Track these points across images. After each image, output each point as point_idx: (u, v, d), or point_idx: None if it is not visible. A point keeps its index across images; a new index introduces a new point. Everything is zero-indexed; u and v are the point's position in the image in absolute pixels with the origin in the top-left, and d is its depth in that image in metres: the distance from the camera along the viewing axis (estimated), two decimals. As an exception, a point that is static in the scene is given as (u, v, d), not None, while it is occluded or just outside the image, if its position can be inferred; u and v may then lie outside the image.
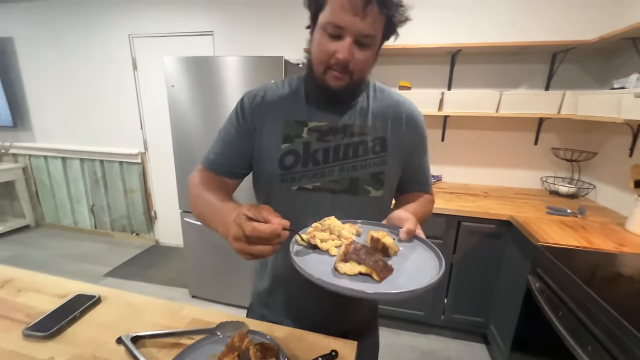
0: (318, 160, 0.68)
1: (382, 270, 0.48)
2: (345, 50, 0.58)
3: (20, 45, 2.90)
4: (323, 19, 0.59)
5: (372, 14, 0.56)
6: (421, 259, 0.55)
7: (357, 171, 0.69)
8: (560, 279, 1.07)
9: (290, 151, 0.68)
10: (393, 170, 0.73)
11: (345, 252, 0.51)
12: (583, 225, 1.43)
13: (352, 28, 0.56)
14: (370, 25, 0.57)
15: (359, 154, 0.69)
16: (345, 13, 0.55)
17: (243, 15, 2.30)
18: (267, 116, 0.70)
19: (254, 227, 0.45)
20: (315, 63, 0.64)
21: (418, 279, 0.48)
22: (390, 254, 0.55)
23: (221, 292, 2.16)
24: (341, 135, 0.69)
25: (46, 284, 0.87)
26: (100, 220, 3.21)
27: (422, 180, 0.82)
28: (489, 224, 1.63)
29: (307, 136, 0.68)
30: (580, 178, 1.93)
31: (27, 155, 3.21)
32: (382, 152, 0.71)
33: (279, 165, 0.68)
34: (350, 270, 0.48)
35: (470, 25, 1.95)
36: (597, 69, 1.84)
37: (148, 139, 2.82)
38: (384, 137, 0.71)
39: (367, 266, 0.48)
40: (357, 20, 0.56)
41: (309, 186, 0.68)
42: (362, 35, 0.57)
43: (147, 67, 2.63)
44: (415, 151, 0.77)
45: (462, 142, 2.15)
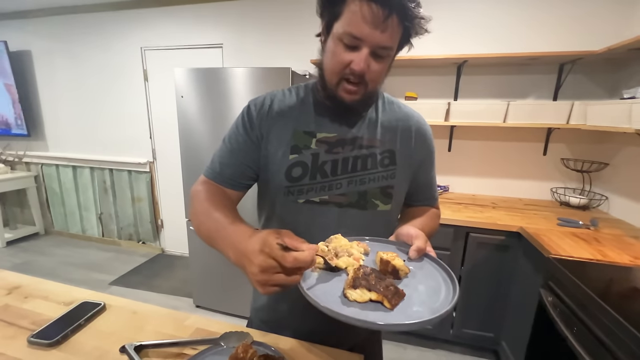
0: (326, 172, 0.66)
1: (393, 296, 0.46)
2: (362, 61, 0.56)
3: (38, 57, 3.01)
4: (339, 29, 0.56)
5: (391, 25, 0.54)
6: (433, 280, 0.53)
7: (366, 185, 0.67)
8: (574, 293, 1.03)
9: (298, 162, 0.66)
10: (402, 184, 0.71)
11: (354, 278, 0.49)
12: (596, 238, 1.40)
13: (371, 40, 0.55)
14: (388, 37, 0.55)
15: (367, 167, 0.67)
16: (364, 24, 0.53)
17: (251, 28, 2.36)
18: (274, 125, 0.68)
19: (296, 258, 0.42)
20: (328, 73, 0.62)
21: (431, 304, 0.46)
22: (401, 276, 0.54)
23: (225, 302, 2.14)
24: (350, 147, 0.67)
25: (53, 291, 0.87)
26: (108, 228, 3.23)
27: (429, 194, 0.80)
28: (498, 235, 1.60)
29: (315, 147, 0.66)
30: (592, 189, 1.89)
31: (39, 163, 3.28)
32: (391, 166, 0.69)
33: (286, 177, 0.66)
34: (360, 298, 0.47)
35: (476, 36, 1.96)
36: (606, 79, 1.83)
37: (157, 148, 2.86)
38: (393, 150, 0.70)
39: (378, 293, 0.46)
40: (376, 32, 0.54)
41: (316, 199, 0.66)
42: (379, 47, 0.56)
43: (157, 78, 2.70)
44: (424, 165, 0.75)
45: (469, 152, 2.14)
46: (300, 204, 0.66)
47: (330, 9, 0.58)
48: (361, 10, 0.53)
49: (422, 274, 0.55)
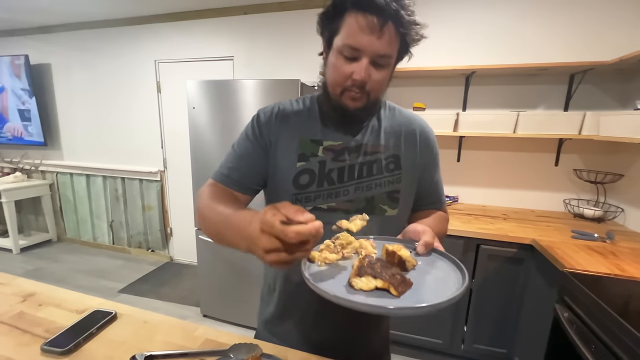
0: (333, 179, 0.68)
1: (400, 284, 0.45)
2: (362, 71, 0.58)
3: (56, 70, 3.13)
4: (339, 43, 0.59)
5: (388, 33, 0.56)
6: (442, 272, 0.52)
7: (372, 190, 0.69)
8: (591, 309, 1.00)
9: (306, 170, 0.68)
10: (408, 188, 0.72)
11: (359, 266, 0.48)
12: (613, 251, 1.35)
13: (369, 49, 0.57)
14: (386, 45, 0.57)
15: (373, 172, 0.69)
16: (362, 34, 0.56)
17: (261, 41, 2.42)
18: (282, 133, 0.70)
19: (297, 231, 0.40)
20: (332, 86, 0.64)
21: (440, 293, 0.45)
22: (408, 268, 0.52)
23: (233, 312, 2.13)
24: (355, 154, 0.69)
25: (66, 299, 0.89)
26: (118, 236, 3.28)
27: (435, 198, 0.80)
28: (509, 248, 1.57)
29: (322, 155, 0.68)
30: (607, 201, 1.85)
31: (54, 172, 3.38)
32: (397, 170, 0.70)
33: (293, 184, 0.67)
34: (366, 286, 0.46)
35: (484, 47, 1.97)
36: (618, 90, 1.80)
37: (167, 157, 2.92)
38: (397, 155, 0.71)
39: (384, 280, 0.45)
40: (374, 41, 0.56)
41: (323, 206, 0.67)
42: (378, 55, 0.58)
43: (169, 89, 2.77)
44: (429, 167, 0.76)
45: (479, 163, 2.12)
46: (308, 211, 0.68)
47: (329, 26, 0.61)
48: (358, 22, 0.56)
49: (430, 266, 0.54)
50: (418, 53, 0.66)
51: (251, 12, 2.39)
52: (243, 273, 2.03)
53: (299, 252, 0.42)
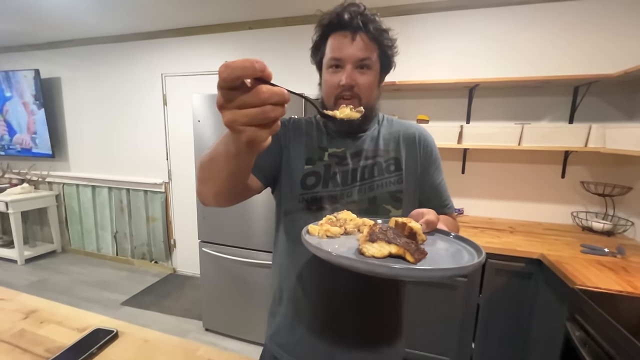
0: (337, 182, 0.73)
1: (416, 251, 0.41)
2: (347, 76, 0.67)
3: (66, 84, 3.20)
4: (325, 60, 0.71)
5: (362, 40, 0.67)
6: (453, 247, 0.50)
7: (375, 191, 0.72)
8: (604, 329, 0.97)
9: (312, 172, 0.74)
10: (411, 188, 0.75)
11: (370, 232, 0.44)
12: (624, 267, 1.32)
13: (348, 55, 0.67)
14: (363, 50, 0.67)
15: (374, 174, 0.73)
16: (341, 46, 0.68)
17: (266, 55, 2.46)
18: (294, 139, 0.77)
19: (227, 64, 0.32)
20: (326, 98, 0.72)
21: (456, 260, 0.42)
22: (418, 242, 0.49)
23: (236, 326, 2.10)
24: (357, 159, 0.74)
25: (67, 316, 0.88)
26: (122, 247, 3.28)
27: (441, 201, 0.80)
28: (517, 262, 1.54)
29: (328, 160, 0.75)
30: (616, 214, 1.81)
31: (61, 183, 3.41)
32: (397, 171, 0.74)
33: (301, 184, 0.73)
34: (379, 252, 0.42)
35: (487, 59, 1.98)
36: (623, 102, 1.79)
37: (173, 169, 2.94)
38: (397, 157, 0.76)
39: (399, 246, 0.41)
40: (351, 48, 0.67)
41: (328, 206, 0.71)
42: (358, 59, 0.67)
43: (176, 103, 2.81)
44: (430, 170, 0.78)
45: (484, 175, 2.10)
46: (314, 212, 0.71)
47: (318, 52, 0.74)
48: (336, 39, 0.69)
49: (440, 242, 0.52)
50: (422, 66, 0.72)
51: (256, 27, 2.44)
52: (246, 286, 2.01)
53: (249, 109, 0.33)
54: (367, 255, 0.42)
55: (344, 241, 0.51)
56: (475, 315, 1.65)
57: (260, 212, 1.87)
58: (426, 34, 2.05)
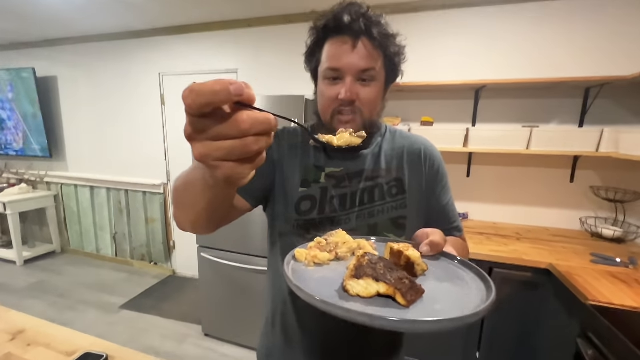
0: (335, 207, 0.66)
1: (409, 290, 0.35)
2: (347, 90, 0.58)
3: (63, 83, 3.14)
4: (322, 70, 0.62)
5: (364, 48, 0.58)
6: (458, 278, 0.42)
7: (375, 217, 0.66)
8: (620, 350, 0.92)
9: (308, 196, 0.66)
10: (415, 213, 0.68)
11: (357, 266, 0.38)
12: (637, 279, 1.27)
13: (348, 66, 0.58)
14: (366, 59, 0.58)
15: (375, 199, 0.66)
16: (339, 54, 0.58)
17: (266, 54, 2.39)
18: (289, 153, 0.69)
19: (192, 88, 0.25)
20: (322, 112, 0.65)
21: (459, 304, 0.35)
22: (417, 272, 0.42)
23: (236, 332, 2.07)
24: (357, 180, 0.67)
25: (56, 338, 0.84)
26: (121, 248, 3.25)
27: (448, 223, 0.73)
28: (524, 272, 1.49)
29: (324, 182, 0.67)
30: (626, 220, 1.76)
31: (59, 183, 3.37)
32: (400, 195, 0.67)
33: (295, 210, 0.66)
34: (365, 291, 0.35)
35: (495, 60, 1.91)
36: (636, 105, 1.72)
37: (171, 170, 2.89)
38: (400, 178, 0.68)
39: (389, 284, 0.35)
40: (352, 57, 0.58)
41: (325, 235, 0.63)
42: (360, 70, 0.58)
43: (174, 102, 2.75)
44: (436, 189, 0.71)
45: (490, 178, 2.04)
46: (308, 239, 0.62)
47: (312, 59, 0.65)
48: (334, 46, 0.59)
49: (444, 273, 0.43)
50: (427, 66, 0.64)
51: (256, 24, 2.37)
52: (245, 292, 1.97)
53: (223, 141, 0.27)
54: (351, 293, 0.36)
55: (334, 268, 0.45)
56: (480, 325, 1.61)
57: (259, 216, 1.82)
58: (431, 32, 1.98)
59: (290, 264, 0.45)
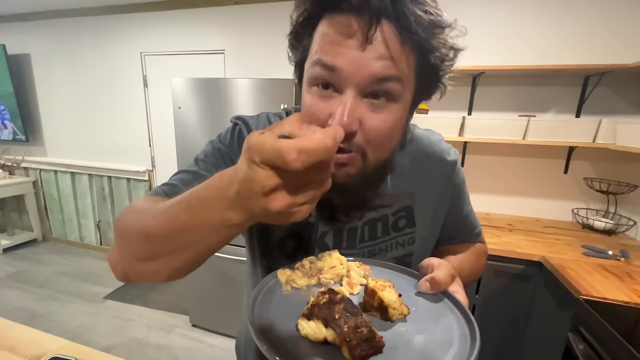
0: (327, 247, 0.52)
1: (360, 344, 0.30)
2: (344, 110, 0.34)
3: (36, 61, 2.94)
4: (307, 67, 0.38)
5: (385, 38, 0.33)
6: (443, 333, 0.35)
7: (376, 257, 0.53)
8: (611, 345, 0.91)
9: (292, 234, 0.52)
10: (425, 247, 0.57)
11: (312, 304, 0.34)
12: (629, 272, 1.26)
13: (353, 69, 0.34)
14: (384, 61, 0.33)
15: (377, 234, 0.53)
16: (338, 44, 0.34)
17: (254, 34, 2.26)
18: None
19: (300, 148, 0.22)
20: None
21: None
22: (392, 317, 0.37)
23: (223, 322, 2.04)
24: (358, 213, 0.51)
25: (22, 340, 0.78)
26: (106, 236, 3.15)
27: (469, 232, 0.65)
28: (516, 264, 1.47)
29: (315, 215, 0.51)
30: (618, 212, 1.75)
31: (37, 169, 3.22)
32: (409, 228, 0.54)
33: (278, 249, 0.53)
34: (314, 334, 0.32)
35: (494, 46, 1.83)
36: (636, 95, 1.69)
37: (156, 156, 2.77)
38: (409, 206, 0.54)
39: (337, 333, 0.31)
40: (360, 55, 0.33)
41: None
42: (371, 79, 0.34)
43: (157, 84, 2.61)
44: (455, 204, 0.59)
45: (484, 168, 2.01)
46: None
47: (298, 45, 0.41)
48: (332, 28, 0.34)
49: (430, 321, 0.37)
50: None
51: (243, 2, 2.22)
52: (233, 283, 1.92)
53: (312, 185, 0.25)
54: (302, 334, 0.33)
55: (306, 296, 0.40)
56: (470, 316, 1.60)
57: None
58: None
59: (268, 284, 0.42)
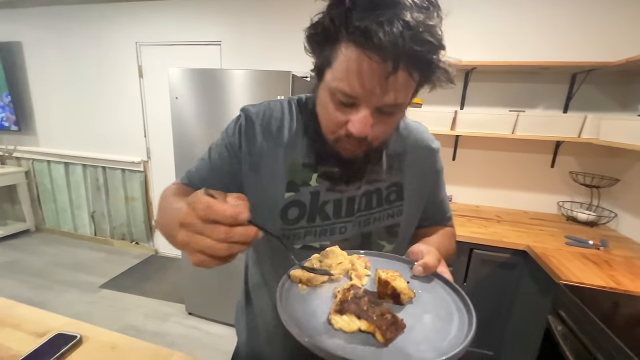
0: (328, 214, 0.58)
1: (389, 328, 0.37)
2: (361, 124, 0.45)
3: (28, 49, 2.90)
4: (330, 81, 0.45)
5: (400, 81, 0.42)
6: (443, 309, 0.44)
7: (370, 225, 0.60)
8: (587, 326, 0.97)
9: (295, 202, 0.57)
10: (410, 219, 0.65)
11: (342, 300, 0.40)
12: (607, 260, 1.33)
13: (369, 100, 0.43)
14: (395, 94, 0.43)
15: (372, 205, 0.60)
16: (359, 80, 0.41)
17: (251, 25, 2.26)
18: (268, 151, 0.57)
19: (209, 205, 0.32)
20: (326, 131, 0.52)
21: (438, 342, 0.38)
22: (403, 301, 0.44)
23: (219, 310, 2.08)
24: (357, 184, 0.58)
25: (26, 318, 0.80)
26: (100, 227, 3.15)
27: (442, 215, 0.74)
28: (503, 253, 1.54)
29: (316, 184, 0.57)
30: (600, 204, 1.83)
31: (30, 159, 3.19)
32: (398, 202, 0.62)
33: (280, 218, 0.57)
34: (348, 327, 0.38)
35: (486, 42, 1.88)
36: (619, 92, 1.75)
37: (151, 147, 2.77)
38: (399, 182, 0.62)
39: (370, 322, 0.38)
40: (377, 90, 0.42)
41: (315, 244, 0.58)
42: (384, 105, 0.44)
43: (153, 75, 2.60)
44: (435, 187, 0.69)
45: (474, 162, 2.07)
46: (297, 250, 0.58)
47: (320, 53, 0.47)
48: (356, 64, 0.41)
49: (431, 300, 0.46)
50: None
51: (240, -7, 2.23)
52: (228, 270, 1.96)
53: (208, 239, 0.32)
54: (335, 328, 0.38)
55: (326, 292, 0.46)
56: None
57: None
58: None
59: (284, 285, 0.46)
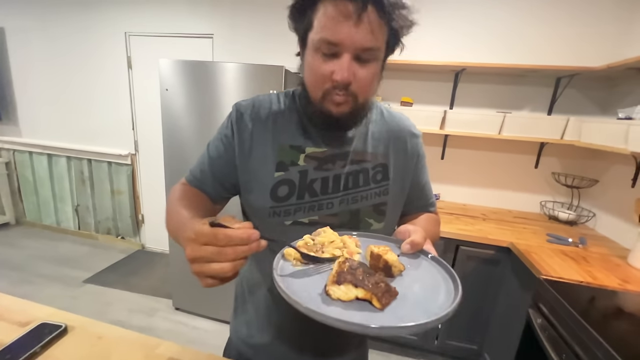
0: (316, 191, 0.61)
1: (384, 294, 0.40)
2: (344, 69, 0.50)
3: (11, 36, 2.79)
4: (314, 38, 0.52)
5: (370, 21, 0.48)
6: (431, 279, 0.47)
7: (358, 203, 0.63)
8: (564, 318, 1.02)
9: (285, 181, 0.61)
10: (396, 199, 0.68)
11: (338, 272, 0.43)
12: (585, 257, 1.39)
13: (349, 42, 0.49)
14: (369, 36, 0.49)
15: (359, 184, 0.63)
16: (338, 24, 0.48)
17: (244, 19, 2.25)
18: (258, 136, 0.62)
19: (227, 234, 0.36)
20: (311, 89, 0.56)
21: (428, 306, 0.40)
22: (394, 273, 0.47)
23: (206, 305, 2.06)
24: (342, 162, 0.63)
25: (8, 308, 0.79)
26: (85, 221, 3.08)
27: (425, 200, 0.76)
28: (487, 250, 1.58)
29: (304, 164, 0.62)
30: (580, 204, 1.90)
31: (11, 149, 3.08)
32: (384, 181, 0.65)
33: (271, 196, 0.61)
34: (345, 295, 0.40)
35: (475, 44, 1.92)
36: (600, 96, 1.83)
37: (139, 140, 2.72)
38: (385, 164, 0.66)
39: (366, 290, 0.40)
40: (353, 31, 0.48)
41: (304, 220, 0.61)
42: (361, 48, 0.50)
43: (142, 67, 2.55)
44: (417, 172, 0.72)
45: (462, 161, 2.12)
46: (287, 226, 0.61)
47: (301, 20, 0.54)
48: (331, 11, 0.49)
49: (419, 272, 0.49)
50: (409, 45, 0.58)
51: (234, -14, 2.20)
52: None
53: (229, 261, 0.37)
54: (333, 297, 0.41)
55: (318, 268, 0.49)
56: (443, 298, 1.71)
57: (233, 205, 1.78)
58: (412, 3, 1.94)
59: (279, 262, 0.48)
